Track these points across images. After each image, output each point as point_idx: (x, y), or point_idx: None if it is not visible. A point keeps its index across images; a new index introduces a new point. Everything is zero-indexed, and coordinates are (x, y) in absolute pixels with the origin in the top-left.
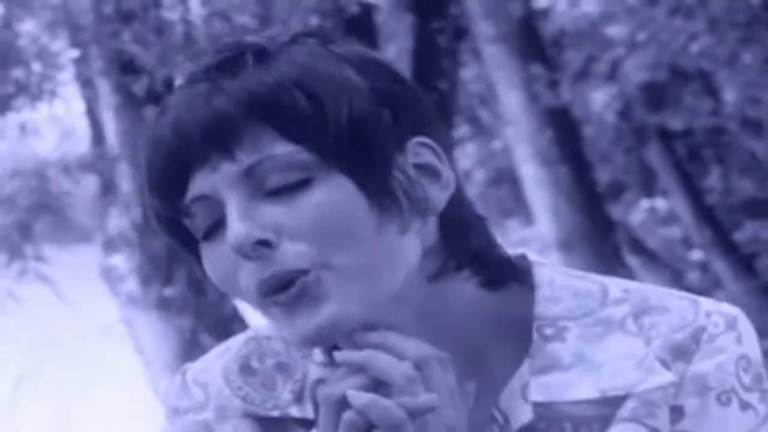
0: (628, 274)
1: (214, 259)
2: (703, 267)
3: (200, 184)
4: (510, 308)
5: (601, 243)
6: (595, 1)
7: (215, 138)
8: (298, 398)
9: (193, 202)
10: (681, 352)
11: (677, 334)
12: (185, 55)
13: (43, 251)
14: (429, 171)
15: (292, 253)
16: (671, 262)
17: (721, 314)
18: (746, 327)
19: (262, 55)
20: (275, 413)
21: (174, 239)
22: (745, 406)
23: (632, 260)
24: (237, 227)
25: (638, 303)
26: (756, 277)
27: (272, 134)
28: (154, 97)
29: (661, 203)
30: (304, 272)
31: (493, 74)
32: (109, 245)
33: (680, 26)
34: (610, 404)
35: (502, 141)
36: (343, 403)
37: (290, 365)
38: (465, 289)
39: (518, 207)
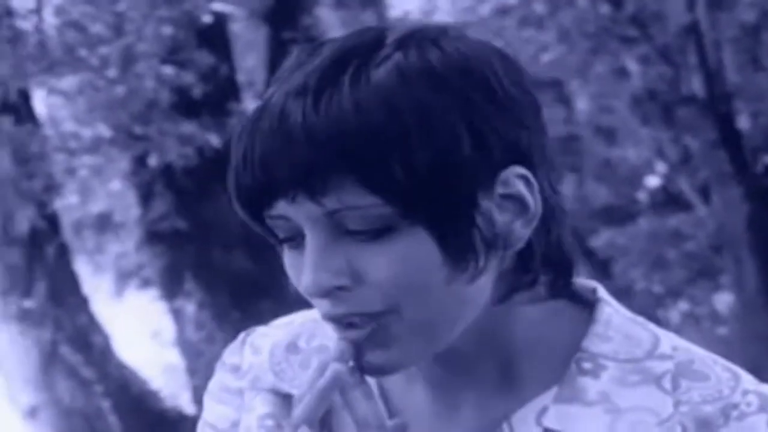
0: None
1: (290, 265)
2: None
3: (283, 208)
4: (559, 335)
5: None
6: (448, 12)
7: (302, 183)
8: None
9: (275, 218)
10: (706, 424)
11: (707, 406)
12: (39, 66)
13: None
14: (516, 203)
15: (365, 298)
16: None
17: (757, 394)
18: None
19: (359, 76)
20: (297, 391)
21: (261, 231)
22: None
23: None
24: (311, 276)
25: (682, 364)
26: (612, 280)
27: (357, 186)
28: (9, 108)
29: None
30: (377, 315)
31: None
32: None
33: (530, 36)
34: None
35: None
36: None
37: (329, 348)
38: (523, 311)
39: None
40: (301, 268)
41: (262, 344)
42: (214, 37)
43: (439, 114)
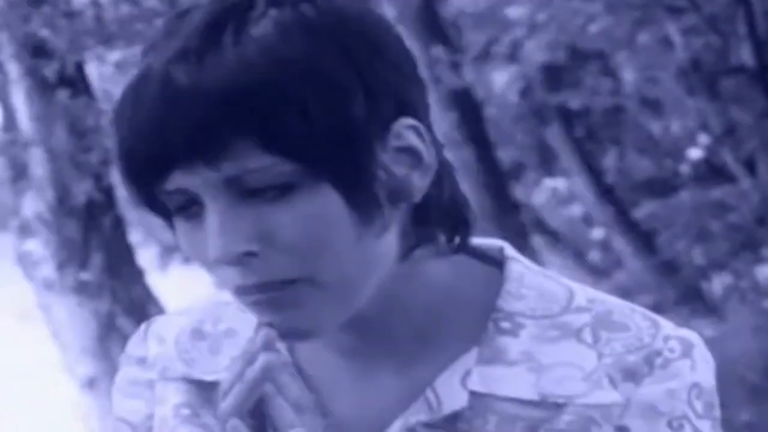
0: (533, 254)
1: (187, 237)
2: (604, 245)
3: (180, 180)
4: (471, 295)
5: (507, 223)
6: None
7: (198, 148)
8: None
9: (171, 192)
10: (631, 374)
11: (631, 356)
12: (95, 39)
13: None
14: (411, 155)
15: (277, 264)
16: (573, 240)
17: (679, 340)
18: (702, 354)
19: (239, 34)
20: (210, 377)
21: (148, 210)
22: None
23: (536, 240)
24: (218, 242)
25: (600, 315)
26: (655, 254)
27: (255, 147)
28: (66, 81)
29: (562, 183)
30: (289, 282)
31: None
32: (24, 230)
33: (578, 7)
34: (545, 409)
35: None
36: None
37: (237, 332)
38: (426, 268)
39: None
40: (198, 239)
41: (166, 333)
42: None
43: (327, 66)
